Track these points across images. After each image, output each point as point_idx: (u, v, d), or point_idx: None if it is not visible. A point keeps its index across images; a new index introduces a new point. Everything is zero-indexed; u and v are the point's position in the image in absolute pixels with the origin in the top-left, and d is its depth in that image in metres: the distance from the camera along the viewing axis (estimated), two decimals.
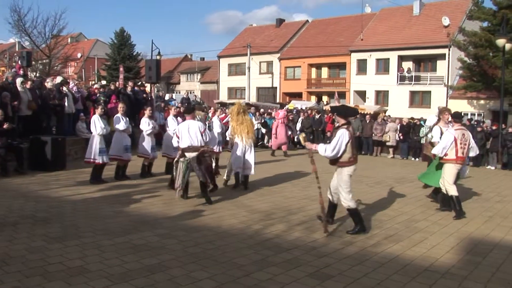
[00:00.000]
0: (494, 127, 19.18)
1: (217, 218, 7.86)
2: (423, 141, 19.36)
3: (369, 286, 5.11)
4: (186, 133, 9.02)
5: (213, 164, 9.94)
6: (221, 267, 5.48)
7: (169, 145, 12.40)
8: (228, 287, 4.93)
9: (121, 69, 27.79)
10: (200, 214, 8.11)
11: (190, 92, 46.18)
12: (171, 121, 12.37)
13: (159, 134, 13.20)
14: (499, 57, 24.19)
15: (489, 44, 27.61)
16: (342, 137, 7.10)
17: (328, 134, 21.65)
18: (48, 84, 14.42)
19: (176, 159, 9.16)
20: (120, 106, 11.51)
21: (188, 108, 9.98)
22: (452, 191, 8.76)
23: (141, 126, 11.90)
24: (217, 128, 13.75)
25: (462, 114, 9.37)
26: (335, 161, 7.25)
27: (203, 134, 9.06)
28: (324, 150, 7.18)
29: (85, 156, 11.03)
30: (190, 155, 8.90)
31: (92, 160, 10.73)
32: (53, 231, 6.71)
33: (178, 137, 9.18)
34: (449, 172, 8.82)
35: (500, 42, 20.77)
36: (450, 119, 9.56)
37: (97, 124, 10.67)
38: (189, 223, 7.46)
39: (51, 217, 7.48)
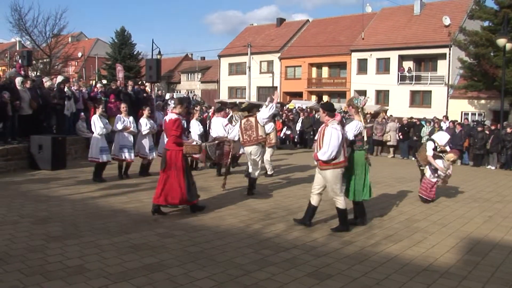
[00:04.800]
0: (492, 127, 19.15)
1: (217, 218, 7.87)
2: (424, 140, 19.41)
3: (368, 285, 5.11)
4: (214, 126, 12.36)
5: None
6: (220, 267, 5.48)
7: (162, 145, 12.45)
8: (226, 287, 4.93)
9: (118, 67, 26.88)
10: (200, 213, 8.10)
11: (190, 92, 46.22)
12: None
13: (158, 134, 13.25)
14: (500, 57, 24.17)
15: (490, 44, 27.56)
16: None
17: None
18: (47, 83, 14.39)
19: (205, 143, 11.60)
20: (123, 106, 11.54)
21: (218, 108, 12.96)
22: (343, 203, 7.37)
23: (140, 126, 11.85)
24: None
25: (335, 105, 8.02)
26: None
27: (224, 128, 11.63)
28: None
29: (88, 155, 11.16)
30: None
31: (95, 159, 10.86)
32: (52, 230, 6.72)
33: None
34: (337, 179, 7.28)
35: (501, 41, 20.77)
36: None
37: (96, 124, 10.81)
38: (188, 223, 7.47)
39: (51, 216, 7.48)
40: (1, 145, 11.92)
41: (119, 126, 11.11)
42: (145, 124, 11.74)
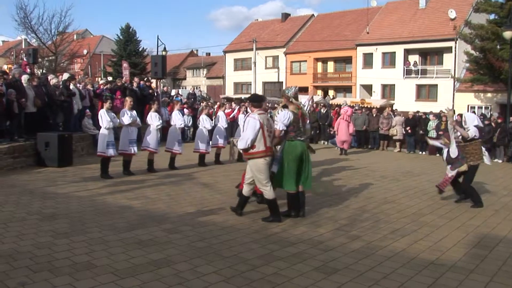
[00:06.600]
0: (499, 120, 19.02)
1: (223, 213, 7.87)
2: (430, 134, 19.31)
3: (375, 279, 5.11)
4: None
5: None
6: (227, 262, 5.49)
7: (172, 140, 12.48)
8: (234, 281, 4.94)
9: (124, 64, 27.13)
10: (206, 209, 8.12)
11: (196, 88, 46.25)
12: (176, 115, 12.54)
13: (165, 129, 13.30)
14: (506, 50, 24.04)
15: (496, 37, 27.41)
16: None
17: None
18: (52, 80, 14.42)
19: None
20: (128, 100, 11.52)
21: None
22: (270, 193, 7.41)
23: (149, 121, 11.96)
24: (222, 123, 13.97)
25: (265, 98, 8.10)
26: None
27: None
28: None
29: (96, 150, 11.16)
30: None
31: (102, 154, 10.87)
32: (60, 227, 6.75)
33: None
34: (259, 169, 7.27)
35: (507, 34, 20.60)
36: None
37: (103, 118, 10.78)
38: (195, 218, 7.48)
39: (58, 213, 7.51)
40: (8, 143, 11.97)
41: (126, 120, 11.07)
42: (157, 119, 11.90)
